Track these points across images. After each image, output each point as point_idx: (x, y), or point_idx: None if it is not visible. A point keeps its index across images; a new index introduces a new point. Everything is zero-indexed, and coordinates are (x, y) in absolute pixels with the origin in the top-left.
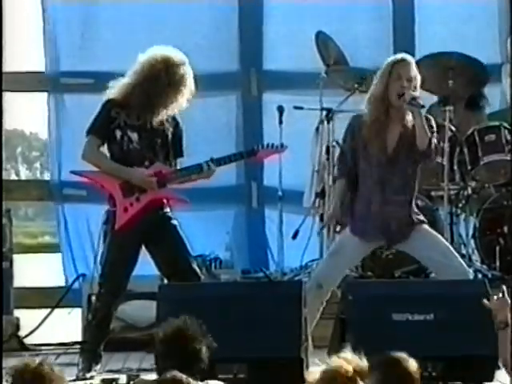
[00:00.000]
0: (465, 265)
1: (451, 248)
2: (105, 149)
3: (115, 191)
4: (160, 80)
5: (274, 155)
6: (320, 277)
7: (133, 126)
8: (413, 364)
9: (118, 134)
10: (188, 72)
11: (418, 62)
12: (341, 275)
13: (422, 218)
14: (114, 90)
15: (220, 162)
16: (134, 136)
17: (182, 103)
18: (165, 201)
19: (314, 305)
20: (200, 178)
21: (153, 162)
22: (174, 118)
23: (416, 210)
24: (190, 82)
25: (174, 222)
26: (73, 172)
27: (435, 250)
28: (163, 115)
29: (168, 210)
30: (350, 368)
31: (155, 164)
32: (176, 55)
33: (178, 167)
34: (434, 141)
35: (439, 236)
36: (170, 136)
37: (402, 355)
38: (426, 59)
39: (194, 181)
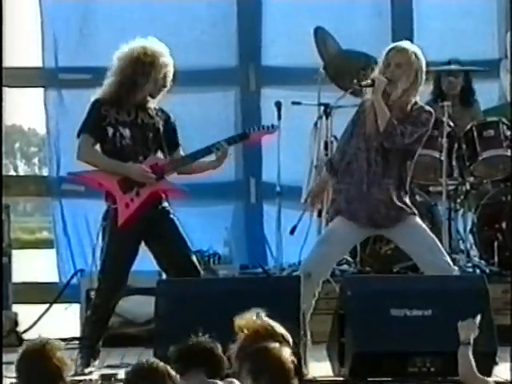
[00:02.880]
0: (451, 263)
1: (439, 245)
2: (98, 148)
3: (114, 188)
4: (143, 65)
5: (267, 136)
6: (309, 265)
7: (124, 122)
8: (286, 352)
9: (110, 131)
10: (165, 54)
11: None
12: (330, 264)
13: (413, 209)
14: (100, 90)
15: (212, 148)
16: (126, 132)
17: (166, 87)
18: (163, 195)
19: (305, 296)
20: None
21: (146, 157)
22: (163, 112)
23: (407, 201)
24: (169, 63)
25: (173, 216)
26: (70, 173)
27: (422, 246)
28: (152, 104)
29: (167, 204)
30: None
31: (150, 157)
32: (149, 42)
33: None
34: (394, 122)
35: (428, 231)
36: (161, 129)
37: (275, 345)
38: None
39: (190, 174)
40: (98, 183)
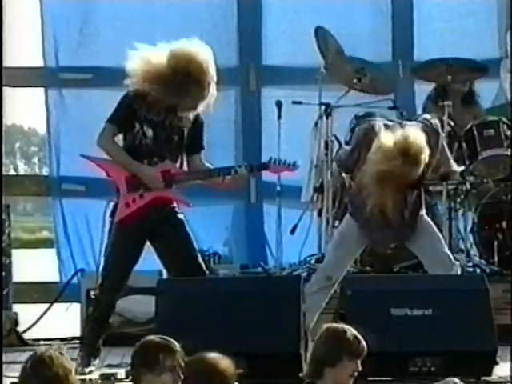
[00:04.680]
0: (453, 260)
1: (442, 240)
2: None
3: (120, 183)
4: (179, 74)
5: (286, 172)
6: (328, 269)
7: (151, 121)
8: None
9: (137, 127)
10: (207, 59)
11: (414, 71)
12: (347, 265)
13: (423, 212)
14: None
15: (228, 171)
16: (149, 132)
17: (210, 97)
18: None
19: (320, 297)
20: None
21: (164, 159)
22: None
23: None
24: (211, 69)
25: (181, 216)
26: (83, 156)
27: (425, 240)
28: (188, 115)
29: (175, 205)
30: None
31: (165, 162)
32: (191, 46)
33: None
34: None
35: (433, 226)
36: (185, 131)
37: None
38: (422, 66)
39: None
40: (107, 173)
